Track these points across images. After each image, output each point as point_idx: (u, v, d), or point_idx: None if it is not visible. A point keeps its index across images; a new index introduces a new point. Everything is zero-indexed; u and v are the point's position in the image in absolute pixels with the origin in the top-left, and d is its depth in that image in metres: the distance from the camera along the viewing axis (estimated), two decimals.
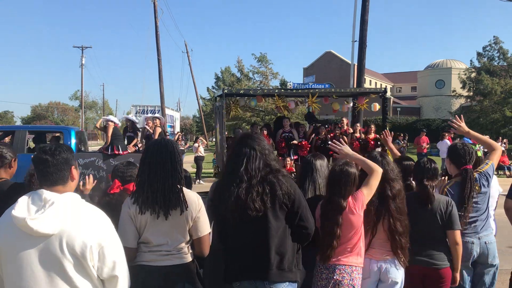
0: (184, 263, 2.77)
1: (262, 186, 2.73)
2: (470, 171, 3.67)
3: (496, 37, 38.26)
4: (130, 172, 3.34)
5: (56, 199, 2.03)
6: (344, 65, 52.97)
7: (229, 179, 2.83)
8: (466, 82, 39.09)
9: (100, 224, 2.11)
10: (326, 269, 3.14)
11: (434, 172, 3.56)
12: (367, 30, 15.59)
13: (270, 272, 2.75)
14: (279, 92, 10.77)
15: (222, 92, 10.11)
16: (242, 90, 10.94)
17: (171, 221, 2.69)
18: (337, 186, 3.13)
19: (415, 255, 3.37)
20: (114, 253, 2.11)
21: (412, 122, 43.57)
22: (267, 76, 34.67)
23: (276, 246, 2.76)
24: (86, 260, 2.02)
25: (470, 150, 3.75)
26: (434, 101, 54.65)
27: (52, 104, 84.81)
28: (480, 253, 3.67)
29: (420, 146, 17.98)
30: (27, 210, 1.99)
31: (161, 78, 26.96)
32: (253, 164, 2.79)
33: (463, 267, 3.62)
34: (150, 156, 2.73)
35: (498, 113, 34.03)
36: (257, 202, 2.70)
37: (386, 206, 3.22)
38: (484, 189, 3.73)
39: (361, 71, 16.08)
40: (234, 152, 2.93)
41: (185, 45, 37.27)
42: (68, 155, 2.19)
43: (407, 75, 69.18)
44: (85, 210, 2.13)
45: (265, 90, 11.04)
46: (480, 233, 3.68)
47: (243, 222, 2.74)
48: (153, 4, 26.96)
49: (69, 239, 1.99)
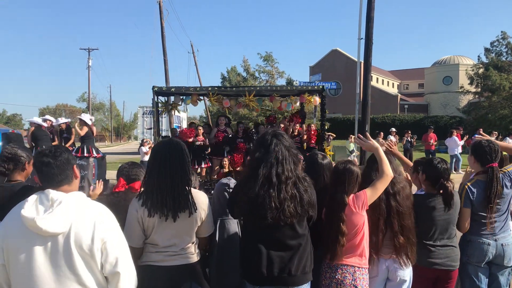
0: (191, 263, 2.78)
1: (295, 193, 2.68)
2: (496, 169, 3.58)
3: (504, 32, 37.89)
4: (135, 171, 3.36)
5: (63, 198, 2.06)
6: (350, 63, 52.82)
7: (261, 183, 2.67)
8: (474, 78, 38.75)
9: (104, 221, 2.14)
10: (330, 268, 3.16)
11: (449, 172, 3.53)
12: (373, 27, 15.50)
13: (294, 278, 2.74)
14: (212, 90, 10.33)
15: (152, 90, 9.84)
16: (173, 88, 10.40)
17: (179, 223, 2.69)
18: (340, 183, 3.15)
19: (433, 257, 3.37)
20: (117, 249, 2.13)
21: (420, 119, 43.34)
22: (273, 75, 34.60)
23: (300, 252, 2.76)
24: (94, 258, 2.05)
25: (496, 148, 3.66)
26: (442, 97, 54.27)
27: (59, 106, 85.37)
28: (496, 254, 3.59)
29: (428, 143, 17.87)
30: (36, 210, 2.02)
31: (167, 78, 26.99)
32: (288, 166, 2.71)
33: (478, 267, 3.59)
34: (160, 157, 2.71)
35: (507, 108, 33.71)
36: (292, 208, 2.64)
37: (387, 203, 3.23)
38: (507, 190, 3.63)
39: (368, 68, 15.98)
40: (265, 150, 2.76)
41: (191, 46, 37.28)
42: (68, 155, 2.23)
43: (414, 72, 68.75)
44: (91, 208, 2.15)
45: (198, 89, 10.53)
46: (497, 235, 3.61)
47: (269, 225, 2.67)
48: (158, 5, 27.01)
49: (77, 237, 2.02)
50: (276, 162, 2.69)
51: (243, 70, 39.64)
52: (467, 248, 3.60)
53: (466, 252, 3.60)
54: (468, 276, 3.62)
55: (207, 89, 10.57)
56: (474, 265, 3.60)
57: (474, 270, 3.60)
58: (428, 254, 3.39)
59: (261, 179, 2.66)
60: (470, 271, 3.61)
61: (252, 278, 2.79)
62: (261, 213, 2.63)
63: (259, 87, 10.98)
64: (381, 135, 17.78)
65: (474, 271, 3.60)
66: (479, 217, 3.57)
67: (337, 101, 53.68)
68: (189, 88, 10.44)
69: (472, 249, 3.59)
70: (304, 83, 21.24)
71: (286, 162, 2.71)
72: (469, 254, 3.60)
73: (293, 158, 2.76)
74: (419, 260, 3.34)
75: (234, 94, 11.27)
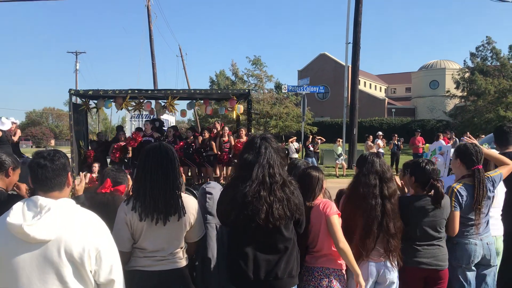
0: (179, 267, 2.76)
1: (282, 196, 2.67)
2: (482, 171, 3.63)
3: (489, 37, 38.49)
4: (121, 176, 3.34)
5: (53, 205, 2.02)
6: (338, 67, 53.06)
7: (255, 184, 2.65)
8: (460, 82, 39.28)
9: (96, 228, 2.11)
10: (307, 271, 3.19)
11: (437, 173, 3.56)
12: (360, 32, 15.67)
13: (281, 281, 2.74)
14: (132, 93, 10.22)
15: (69, 92, 9.63)
16: (90, 91, 10.17)
17: (168, 227, 2.67)
18: (303, 187, 3.17)
19: (420, 257, 3.38)
20: (111, 257, 2.11)
21: (407, 123, 43.72)
22: (261, 79, 34.68)
23: (287, 256, 2.76)
24: (84, 266, 2.01)
25: (480, 150, 3.71)
26: (429, 101, 54.83)
27: (46, 110, 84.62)
28: (484, 254, 3.64)
29: (416, 147, 18.01)
30: (23, 217, 1.97)
31: (155, 82, 26.92)
32: (277, 169, 2.71)
33: (466, 269, 3.61)
34: (151, 162, 2.69)
35: (492, 112, 34.18)
36: (280, 211, 2.64)
37: (382, 207, 3.24)
38: (490, 193, 3.67)
39: (355, 72, 16.15)
40: (251, 154, 2.76)
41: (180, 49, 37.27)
42: (65, 161, 2.19)
43: (402, 76, 69.36)
44: (81, 215, 2.12)
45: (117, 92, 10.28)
46: (482, 234, 3.66)
47: (257, 228, 2.66)
48: (146, 8, 26.95)
49: (67, 245, 1.98)
50: (268, 165, 2.70)
51: (232, 73, 39.67)
52: (455, 251, 3.62)
53: (455, 255, 3.61)
54: (458, 279, 3.63)
55: (127, 92, 10.35)
56: (463, 268, 3.61)
57: (463, 273, 3.62)
58: (415, 254, 3.40)
59: (256, 181, 2.65)
60: (459, 274, 3.62)
61: (239, 282, 2.79)
62: (250, 215, 2.62)
63: (182, 90, 10.71)
64: (370, 138, 17.91)
65: (463, 274, 3.62)
66: (466, 219, 3.60)
67: (325, 105, 54.01)
68: (107, 91, 10.24)
69: (461, 251, 3.61)
70: (293, 87, 21.28)
71: (276, 164, 2.72)
72: (458, 257, 3.61)
73: (280, 161, 2.77)
74: (406, 260, 3.36)
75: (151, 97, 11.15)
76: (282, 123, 32.64)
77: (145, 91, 10.86)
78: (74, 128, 10.55)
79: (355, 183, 3.40)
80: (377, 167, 3.33)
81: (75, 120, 10.61)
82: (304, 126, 22.12)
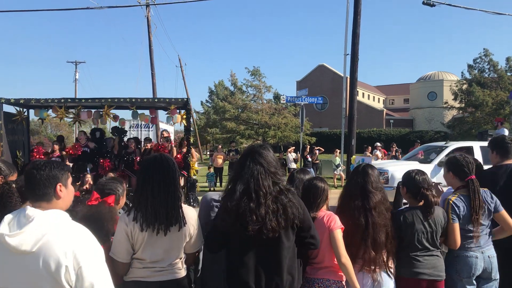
0: (178, 278, 2.77)
1: (276, 207, 2.66)
2: (476, 181, 3.61)
3: (486, 50, 38.80)
4: (110, 186, 3.29)
5: (37, 215, 1.97)
6: (336, 78, 53.39)
7: (239, 196, 2.67)
8: (458, 94, 39.52)
9: (81, 243, 1.98)
10: (307, 282, 3.18)
11: (428, 182, 3.57)
12: (359, 43, 15.78)
13: None
14: (65, 102, 10.01)
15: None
16: (22, 100, 10.04)
17: (169, 237, 2.68)
18: (307, 198, 3.18)
19: (420, 268, 3.37)
20: (93, 275, 1.97)
21: (405, 134, 43.85)
22: (260, 90, 34.80)
23: (288, 267, 2.74)
24: (61, 281, 1.91)
25: (470, 160, 3.70)
26: (427, 113, 55.05)
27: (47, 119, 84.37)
28: (485, 267, 3.58)
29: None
30: (8, 227, 1.95)
31: (154, 92, 26.97)
32: (263, 182, 2.69)
33: (467, 282, 3.56)
34: (152, 173, 2.70)
35: (490, 124, 34.33)
36: (274, 222, 2.63)
37: (366, 218, 3.25)
38: (490, 206, 3.64)
39: (354, 84, 16.23)
40: (241, 167, 2.79)
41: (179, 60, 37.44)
42: (56, 172, 2.11)
43: (400, 87, 69.73)
44: (66, 228, 2.02)
45: (49, 100, 10.18)
46: (483, 247, 3.61)
47: (254, 241, 2.65)
48: (146, 19, 27.10)
49: (46, 258, 1.91)
50: (252, 178, 2.69)
51: (231, 84, 39.84)
52: (456, 264, 3.58)
53: (456, 268, 3.57)
54: None
55: (60, 101, 10.17)
56: (463, 281, 3.56)
57: (463, 286, 3.56)
58: (414, 265, 3.39)
59: (238, 193, 2.67)
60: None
61: None
62: (243, 224, 2.63)
63: (117, 99, 10.48)
64: (369, 149, 17.94)
65: (463, 287, 3.57)
66: (465, 231, 3.57)
67: (323, 116, 54.14)
68: (39, 100, 10.09)
69: (461, 264, 3.57)
70: (291, 98, 21.37)
71: (262, 177, 2.70)
72: (459, 270, 3.57)
73: (270, 174, 2.74)
74: (404, 272, 3.36)
75: (89, 106, 10.98)
76: (280, 133, 32.77)
77: (79, 99, 10.74)
78: (8, 137, 10.37)
79: (341, 193, 3.47)
80: (360, 178, 3.36)
81: (10, 130, 10.51)
82: (302, 136, 22.18)
